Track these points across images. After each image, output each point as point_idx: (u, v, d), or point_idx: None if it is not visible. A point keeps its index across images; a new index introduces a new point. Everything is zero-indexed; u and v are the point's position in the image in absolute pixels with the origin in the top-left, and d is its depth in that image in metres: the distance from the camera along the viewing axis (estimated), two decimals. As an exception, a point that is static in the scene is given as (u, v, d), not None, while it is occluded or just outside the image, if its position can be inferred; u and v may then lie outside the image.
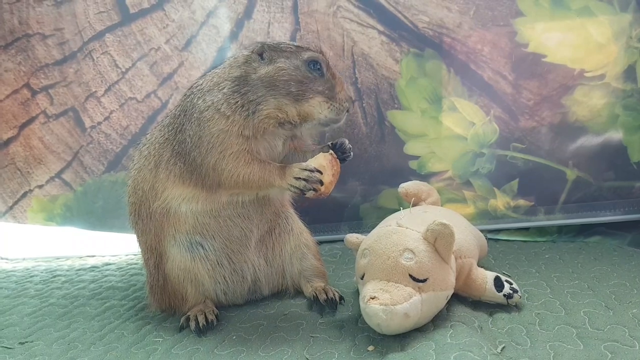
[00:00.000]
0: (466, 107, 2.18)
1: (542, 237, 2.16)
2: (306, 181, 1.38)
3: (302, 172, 1.39)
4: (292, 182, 1.39)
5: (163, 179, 1.51)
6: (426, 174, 2.24)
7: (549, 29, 2.09)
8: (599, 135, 2.11)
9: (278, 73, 1.42)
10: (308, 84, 1.42)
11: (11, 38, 2.43)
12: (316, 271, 1.66)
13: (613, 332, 1.23)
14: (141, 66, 2.37)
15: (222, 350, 1.32)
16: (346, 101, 1.45)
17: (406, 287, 1.25)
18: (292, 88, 1.41)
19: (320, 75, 1.44)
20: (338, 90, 1.45)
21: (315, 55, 1.45)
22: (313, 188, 1.38)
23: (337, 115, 1.44)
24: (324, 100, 1.42)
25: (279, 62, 1.44)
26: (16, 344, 1.48)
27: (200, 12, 2.30)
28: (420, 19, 2.16)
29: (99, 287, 1.98)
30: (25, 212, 2.55)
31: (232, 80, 1.45)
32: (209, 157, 1.42)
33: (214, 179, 1.43)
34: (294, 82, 1.41)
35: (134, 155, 1.67)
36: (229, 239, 1.54)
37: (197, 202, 1.49)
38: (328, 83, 1.44)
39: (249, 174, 1.41)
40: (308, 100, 1.41)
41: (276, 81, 1.41)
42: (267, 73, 1.42)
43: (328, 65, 1.47)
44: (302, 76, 1.42)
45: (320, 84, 1.43)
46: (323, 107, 1.42)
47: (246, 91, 1.42)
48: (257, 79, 1.42)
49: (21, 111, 2.47)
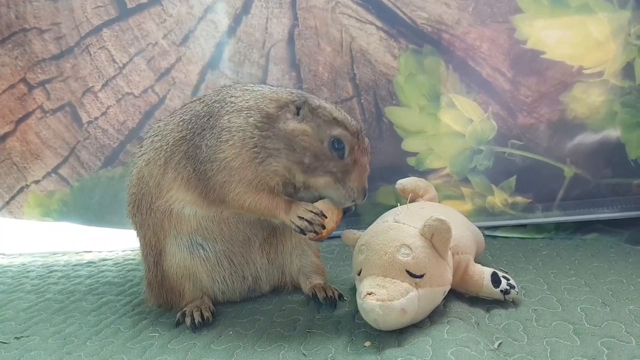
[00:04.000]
0: (464, 103, 2.17)
1: (539, 234, 2.16)
2: (309, 223, 1.36)
3: (307, 213, 1.37)
4: (295, 221, 1.37)
5: (170, 178, 1.47)
6: (424, 170, 2.23)
7: (548, 26, 2.08)
8: (597, 133, 2.11)
9: (300, 137, 1.35)
10: (323, 161, 1.35)
11: (8, 32, 2.41)
12: (315, 268, 1.65)
13: (610, 328, 1.23)
14: (138, 61, 2.36)
15: (219, 346, 1.32)
16: (356, 191, 1.36)
17: (403, 283, 1.25)
18: (305, 159, 1.35)
19: (340, 157, 1.35)
20: (353, 178, 1.36)
21: (343, 135, 1.35)
22: (314, 230, 1.37)
23: (340, 200, 1.38)
24: (333, 182, 1.36)
25: (308, 125, 1.36)
26: (12, 338, 1.47)
27: (198, 7, 2.29)
28: (418, 15, 2.16)
29: (95, 282, 1.97)
30: (21, 208, 2.54)
31: (262, 114, 1.38)
32: (219, 176, 1.38)
33: (220, 195, 1.40)
34: (310, 154, 1.35)
35: (143, 143, 1.60)
36: (232, 242, 1.53)
37: (201, 207, 1.47)
38: (345, 167, 1.35)
39: (256, 201, 1.39)
40: (316, 177, 1.36)
41: (295, 144, 1.35)
42: (292, 131, 1.35)
43: (354, 150, 1.36)
44: (321, 151, 1.35)
45: (335, 166, 1.35)
46: (329, 188, 1.37)
47: (267, 136, 1.37)
48: (282, 131, 1.36)
49: (18, 106, 2.46)
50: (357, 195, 1.37)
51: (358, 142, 1.38)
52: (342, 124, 1.37)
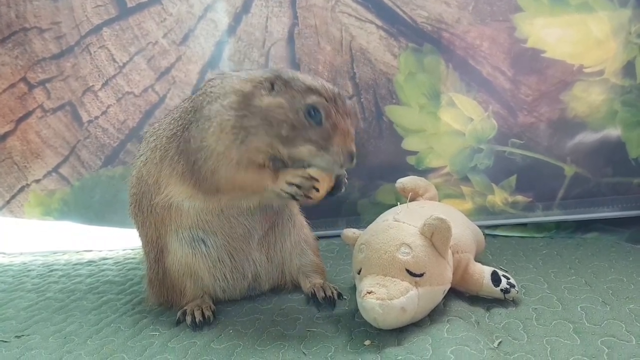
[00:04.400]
0: (464, 102, 2.17)
1: (539, 233, 2.16)
2: (299, 187, 1.35)
3: (296, 177, 1.35)
4: (284, 187, 1.36)
5: (167, 174, 1.49)
6: (424, 169, 2.23)
7: (548, 25, 2.08)
8: (598, 131, 2.10)
9: (275, 111, 1.34)
10: (301, 130, 1.33)
11: (8, 32, 2.41)
12: (315, 267, 1.66)
13: (610, 328, 1.23)
14: (138, 60, 2.36)
15: (219, 345, 1.32)
16: (341, 155, 1.32)
17: (403, 282, 1.25)
18: (283, 131, 1.33)
19: (317, 124, 1.33)
20: (336, 142, 1.32)
21: (318, 102, 1.33)
22: (306, 195, 1.35)
23: (328, 167, 1.34)
24: (315, 150, 1.33)
25: (283, 97, 1.35)
26: (12, 337, 1.47)
27: (198, 6, 2.29)
28: (418, 13, 2.16)
29: (95, 281, 1.98)
30: (22, 207, 2.55)
31: (238, 95, 1.38)
32: (209, 163, 1.39)
33: (212, 183, 1.41)
34: (287, 125, 1.33)
35: (140, 145, 1.64)
36: (232, 236, 1.53)
37: (200, 200, 1.48)
38: (325, 133, 1.32)
39: (243, 177, 1.39)
40: (298, 147, 1.34)
41: (272, 118, 1.34)
42: (268, 105, 1.35)
43: (331, 114, 1.33)
44: (298, 121, 1.33)
45: (314, 133, 1.32)
46: (314, 157, 1.34)
47: (243, 115, 1.36)
48: (257, 108, 1.35)
49: (18, 105, 2.46)
50: (343, 159, 1.33)
51: (336, 107, 1.35)
52: (316, 91, 1.35)
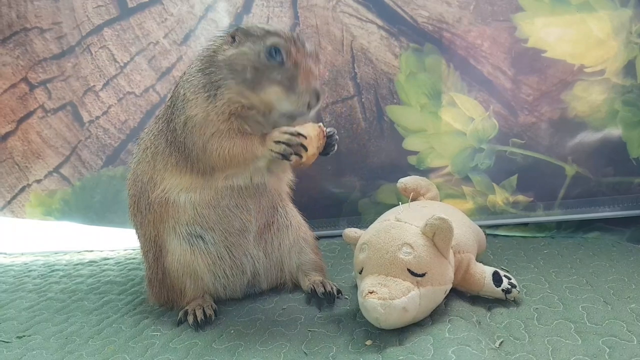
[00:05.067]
0: (465, 102, 2.17)
1: (540, 232, 2.16)
2: (287, 145, 1.34)
3: (283, 135, 1.35)
4: (273, 147, 1.36)
5: (161, 169, 1.51)
6: (425, 169, 2.23)
7: (549, 24, 2.08)
8: (599, 131, 2.10)
9: (238, 57, 1.37)
10: (264, 72, 1.34)
11: (9, 32, 2.41)
12: (314, 265, 1.66)
13: (611, 327, 1.23)
14: (140, 60, 2.36)
15: (220, 345, 1.32)
16: (307, 94, 1.33)
17: (404, 282, 1.25)
18: (247, 74, 1.36)
19: (280, 64, 1.33)
20: (300, 81, 1.33)
21: (277, 42, 1.34)
22: (296, 152, 1.34)
23: (297, 108, 1.35)
24: (282, 91, 1.34)
25: (245, 45, 1.38)
26: (14, 337, 1.47)
27: (199, 6, 2.29)
28: (419, 13, 2.16)
29: (97, 281, 1.98)
30: (23, 207, 2.55)
31: (201, 59, 1.44)
32: (195, 139, 1.41)
33: (205, 161, 1.43)
34: (251, 69, 1.35)
35: (134, 148, 1.67)
36: (229, 230, 1.53)
37: (196, 192, 1.49)
38: (288, 72, 1.33)
39: (232, 146, 1.39)
40: (264, 90, 1.35)
41: (236, 65, 1.37)
42: (230, 56, 1.39)
43: (290, 53, 1.34)
44: (260, 63, 1.34)
45: (278, 73, 1.33)
46: (281, 99, 1.35)
47: (210, 72, 1.40)
48: (222, 61, 1.40)
49: (19, 105, 2.46)
50: (310, 97, 1.34)
51: (296, 47, 1.36)
52: (275, 34, 1.37)
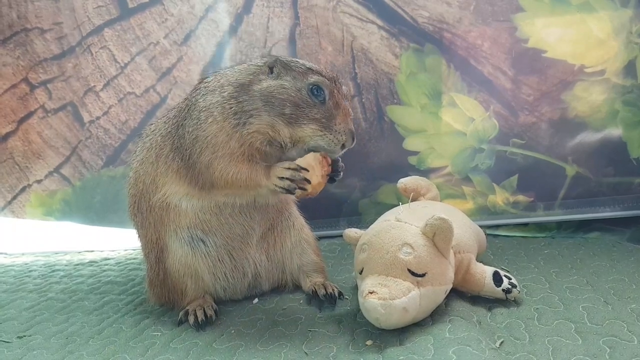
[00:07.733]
0: (466, 102, 2.17)
1: (541, 232, 2.16)
2: (291, 180, 1.35)
3: (286, 171, 1.36)
4: (277, 182, 1.37)
5: (163, 172, 1.51)
6: (425, 169, 2.23)
7: (549, 25, 2.08)
8: (599, 131, 2.10)
9: (278, 90, 1.38)
10: (305, 109, 1.36)
11: (9, 32, 2.42)
12: (315, 266, 1.66)
13: (611, 327, 1.23)
14: (140, 61, 2.36)
15: (221, 345, 1.32)
16: (344, 134, 1.37)
17: (405, 282, 1.25)
18: (286, 109, 1.36)
19: (321, 103, 1.37)
20: (338, 121, 1.37)
21: (320, 81, 1.38)
22: (300, 187, 1.35)
23: (330, 147, 1.38)
24: (318, 129, 1.36)
25: (283, 79, 1.40)
26: (14, 337, 1.47)
27: (199, 7, 2.29)
28: (420, 14, 2.16)
29: (97, 281, 1.98)
30: (23, 207, 2.55)
31: (235, 86, 1.42)
32: (203, 156, 1.40)
33: (207, 178, 1.42)
34: (290, 104, 1.36)
35: (137, 146, 1.66)
36: (231, 236, 1.53)
37: (197, 199, 1.49)
38: (328, 112, 1.37)
39: (237, 173, 1.39)
40: (301, 126, 1.37)
41: (274, 98, 1.37)
42: (268, 87, 1.39)
43: (333, 94, 1.39)
44: (301, 100, 1.37)
45: (318, 112, 1.36)
46: (316, 136, 1.37)
47: (243, 100, 1.39)
48: (258, 91, 1.39)
49: (20, 106, 2.47)
50: (345, 138, 1.37)
51: (336, 87, 1.40)
52: (317, 72, 1.40)
